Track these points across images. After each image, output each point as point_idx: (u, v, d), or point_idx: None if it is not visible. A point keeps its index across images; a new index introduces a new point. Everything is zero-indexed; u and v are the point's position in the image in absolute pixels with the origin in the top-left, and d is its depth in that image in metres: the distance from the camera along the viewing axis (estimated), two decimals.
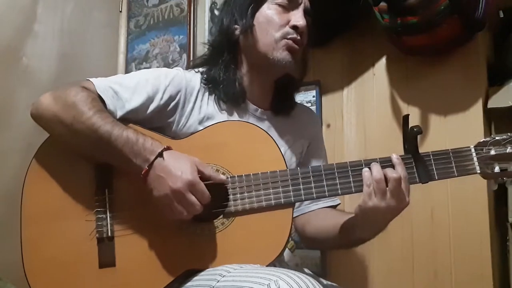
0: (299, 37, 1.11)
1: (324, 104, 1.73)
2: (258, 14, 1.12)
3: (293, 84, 1.22)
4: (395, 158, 0.99)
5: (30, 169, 1.04)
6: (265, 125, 1.17)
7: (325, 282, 1.13)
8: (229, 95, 1.13)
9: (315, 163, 1.26)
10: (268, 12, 1.12)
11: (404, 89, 1.58)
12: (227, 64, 1.14)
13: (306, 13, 1.13)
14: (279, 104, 1.21)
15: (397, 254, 1.53)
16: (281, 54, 1.10)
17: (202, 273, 0.97)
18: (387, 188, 0.95)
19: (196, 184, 0.93)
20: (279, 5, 1.12)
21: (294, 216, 1.20)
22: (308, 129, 1.28)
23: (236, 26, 1.13)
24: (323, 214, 1.20)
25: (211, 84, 1.14)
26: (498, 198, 1.44)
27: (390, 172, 0.96)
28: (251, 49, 1.13)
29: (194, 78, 1.15)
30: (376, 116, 1.63)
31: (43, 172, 1.04)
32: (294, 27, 1.10)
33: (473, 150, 1.03)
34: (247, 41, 1.12)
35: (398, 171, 0.96)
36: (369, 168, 0.98)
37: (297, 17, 1.11)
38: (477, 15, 1.34)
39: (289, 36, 1.10)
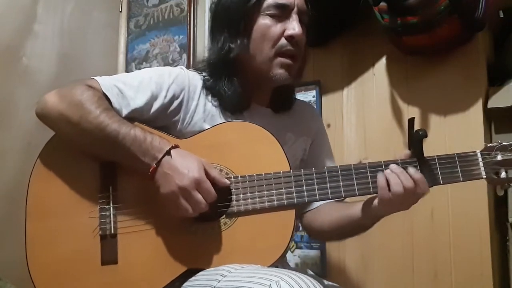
0: (294, 48, 1.09)
1: (324, 104, 1.73)
2: (251, 29, 1.09)
3: (291, 84, 1.21)
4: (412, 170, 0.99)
5: (35, 167, 1.04)
6: (267, 123, 1.17)
7: (326, 282, 1.13)
8: (235, 107, 1.12)
9: (320, 159, 1.26)
10: (262, 26, 1.08)
11: (404, 89, 1.58)
12: (230, 77, 1.11)
13: (301, 15, 1.10)
14: (279, 102, 1.21)
15: (397, 254, 1.53)
16: (278, 72, 1.08)
17: (204, 272, 0.97)
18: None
19: (203, 182, 0.94)
20: (272, 16, 1.08)
21: (301, 212, 1.21)
22: (310, 126, 1.27)
23: (231, 45, 1.10)
24: (327, 207, 1.19)
25: (215, 96, 1.13)
26: (498, 198, 1.44)
27: (406, 182, 0.97)
28: (249, 63, 1.11)
29: (196, 77, 1.14)
30: (376, 116, 1.63)
31: (47, 169, 1.04)
32: (290, 37, 1.08)
33: (479, 155, 1.02)
34: (244, 57, 1.10)
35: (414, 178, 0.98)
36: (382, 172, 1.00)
37: (292, 26, 1.08)
38: (477, 15, 1.34)
39: (284, 49, 1.08)
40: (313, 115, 1.33)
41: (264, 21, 1.09)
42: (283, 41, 1.08)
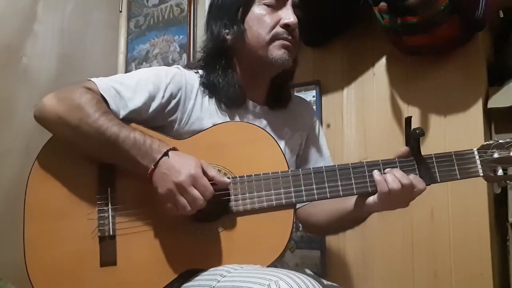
0: (291, 37, 1.11)
1: (324, 104, 1.73)
2: (247, 18, 1.12)
3: (287, 76, 1.22)
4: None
5: (33, 168, 1.04)
6: (264, 120, 1.18)
7: (325, 282, 1.13)
8: (231, 99, 1.13)
9: (314, 153, 1.27)
10: (257, 14, 1.11)
11: (404, 89, 1.58)
12: (224, 69, 1.13)
13: (294, 6, 1.13)
14: (276, 98, 1.21)
15: (397, 254, 1.53)
16: (277, 54, 1.10)
17: (203, 273, 0.97)
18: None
19: (199, 178, 0.93)
20: (267, 5, 1.11)
21: (296, 208, 1.21)
22: (305, 121, 1.28)
23: (227, 31, 1.13)
24: (323, 201, 1.18)
25: (211, 89, 1.14)
26: (498, 198, 1.44)
27: (402, 179, 0.97)
28: (246, 53, 1.13)
29: (193, 76, 1.15)
30: (376, 116, 1.63)
31: (46, 171, 1.04)
32: (286, 26, 1.10)
33: (476, 153, 1.03)
34: (240, 45, 1.12)
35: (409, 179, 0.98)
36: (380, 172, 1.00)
37: (287, 15, 1.11)
38: (477, 15, 1.34)
39: (281, 37, 1.10)
40: (308, 110, 1.33)
41: (259, 9, 1.12)
42: (279, 29, 1.11)
